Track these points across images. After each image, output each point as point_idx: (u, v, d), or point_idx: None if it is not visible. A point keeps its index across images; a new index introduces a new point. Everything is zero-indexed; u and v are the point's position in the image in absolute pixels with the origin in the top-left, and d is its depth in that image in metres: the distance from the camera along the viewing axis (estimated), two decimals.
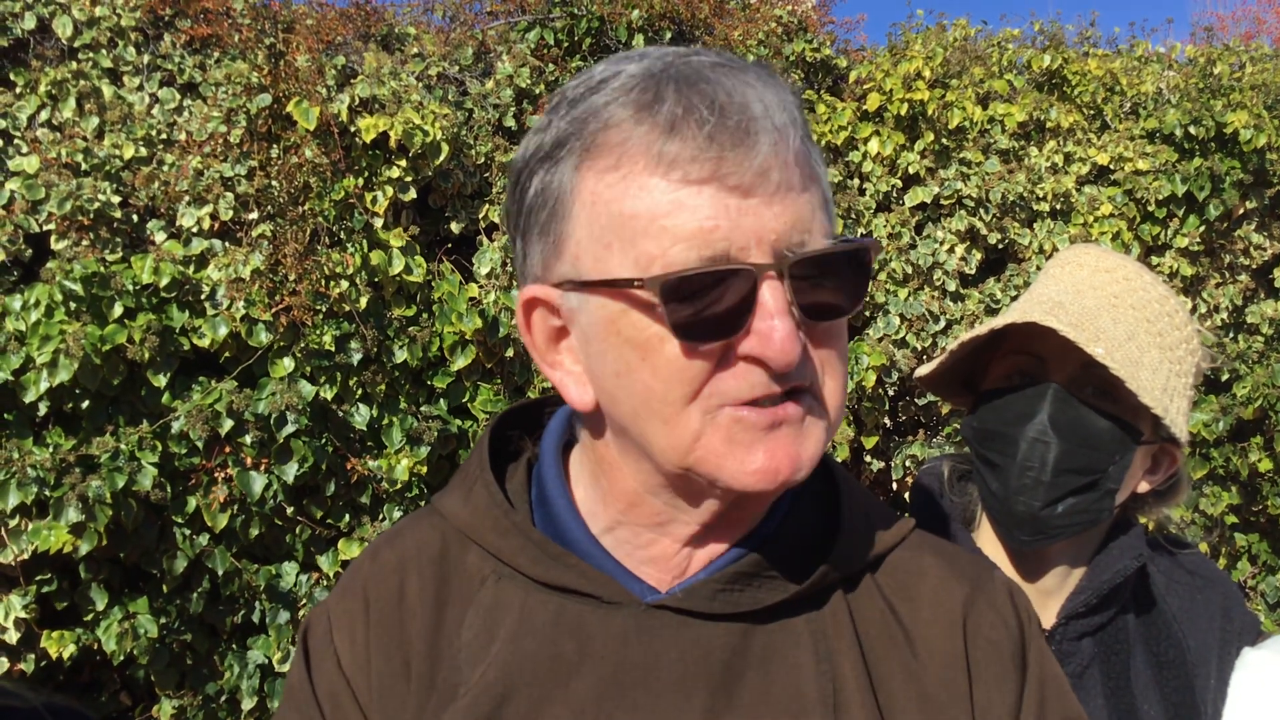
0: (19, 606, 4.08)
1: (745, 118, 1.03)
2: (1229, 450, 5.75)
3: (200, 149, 4.72)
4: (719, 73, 1.06)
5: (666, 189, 1.03)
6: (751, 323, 1.04)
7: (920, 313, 5.56)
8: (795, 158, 1.06)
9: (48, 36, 4.95)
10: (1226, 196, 5.89)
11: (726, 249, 1.02)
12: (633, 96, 1.06)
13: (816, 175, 1.11)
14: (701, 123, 1.02)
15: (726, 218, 1.02)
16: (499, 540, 1.24)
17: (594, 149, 1.07)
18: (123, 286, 4.25)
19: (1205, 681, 1.84)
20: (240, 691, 4.45)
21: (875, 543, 1.27)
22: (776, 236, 1.04)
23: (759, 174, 1.02)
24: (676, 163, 1.02)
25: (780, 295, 1.03)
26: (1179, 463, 1.91)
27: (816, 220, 1.07)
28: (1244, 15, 23.85)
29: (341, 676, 1.23)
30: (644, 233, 1.04)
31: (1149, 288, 1.83)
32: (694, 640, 1.16)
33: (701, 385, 1.06)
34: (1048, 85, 6.34)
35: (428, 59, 5.35)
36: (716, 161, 1.02)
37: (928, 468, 2.07)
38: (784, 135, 1.05)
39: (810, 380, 1.09)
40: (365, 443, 4.69)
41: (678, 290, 1.02)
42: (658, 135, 1.03)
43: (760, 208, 1.03)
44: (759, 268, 1.03)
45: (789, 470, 1.08)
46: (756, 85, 1.06)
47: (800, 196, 1.06)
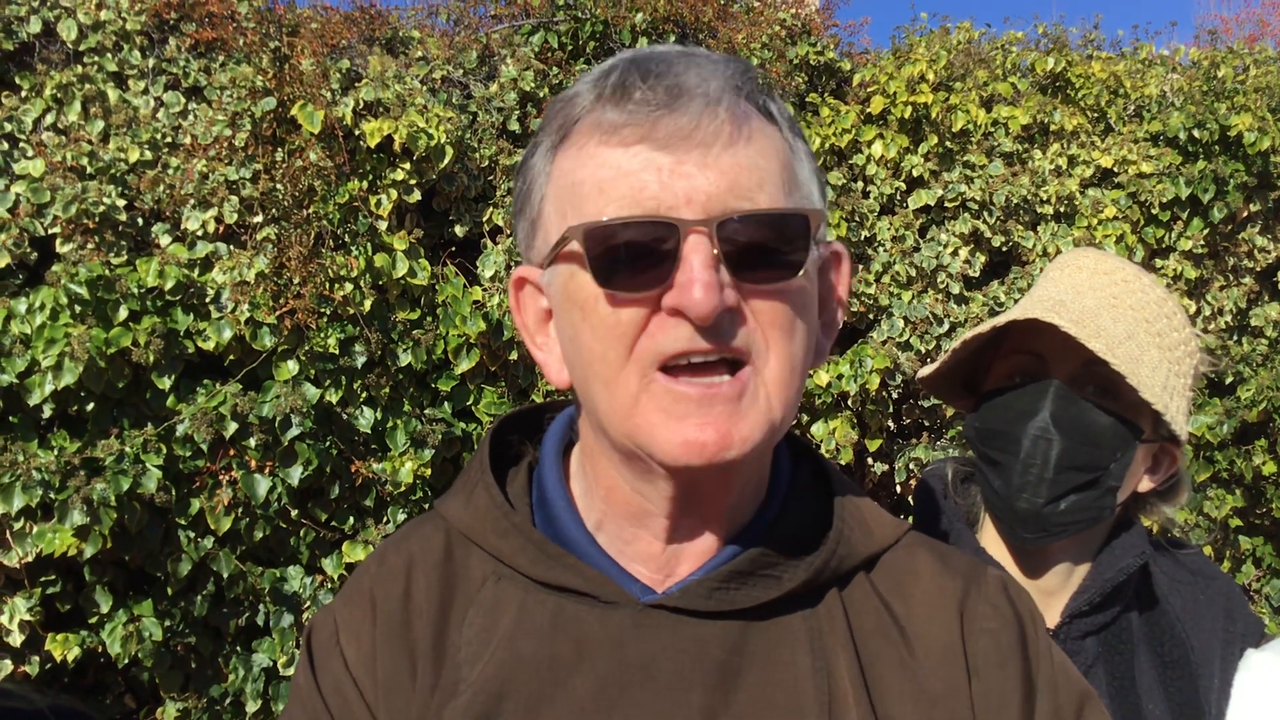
0: (24, 609, 4.09)
1: (677, 85, 1.08)
2: (1233, 453, 5.75)
3: (205, 152, 4.73)
4: (672, 56, 1.12)
5: (607, 155, 1.08)
6: (675, 276, 1.06)
7: (924, 315, 5.55)
8: (726, 124, 1.08)
9: (53, 40, 4.97)
10: (1230, 199, 5.88)
11: (656, 208, 1.06)
12: (592, 78, 1.13)
13: (772, 150, 1.13)
14: (639, 90, 1.08)
15: (658, 179, 1.06)
16: (499, 541, 1.25)
17: (560, 129, 1.15)
18: (127, 290, 4.26)
19: (1209, 682, 1.85)
20: (244, 694, 4.46)
21: (870, 541, 1.27)
22: (708, 198, 1.06)
23: (685, 136, 1.06)
24: (615, 128, 1.08)
25: (704, 249, 1.05)
26: (1179, 462, 1.91)
27: (765, 190, 1.09)
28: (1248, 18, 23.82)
29: (348, 675, 1.24)
30: (587, 197, 1.09)
31: (1148, 289, 1.85)
32: (691, 639, 1.16)
33: (634, 341, 1.09)
34: (1051, 88, 6.34)
35: (432, 62, 5.35)
36: (649, 124, 1.07)
37: (931, 470, 2.08)
38: (715, 101, 1.08)
39: (748, 348, 1.09)
40: (369, 445, 4.70)
41: (598, 238, 1.07)
42: (602, 106, 1.10)
43: (693, 170, 1.06)
44: (684, 223, 1.05)
45: (716, 445, 1.08)
46: (703, 64, 1.11)
47: (736, 160, 1.08)
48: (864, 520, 1.28)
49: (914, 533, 1.33)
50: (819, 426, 5.26)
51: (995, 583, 1.30)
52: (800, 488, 1.29)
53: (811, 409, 5.31)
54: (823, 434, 5.24)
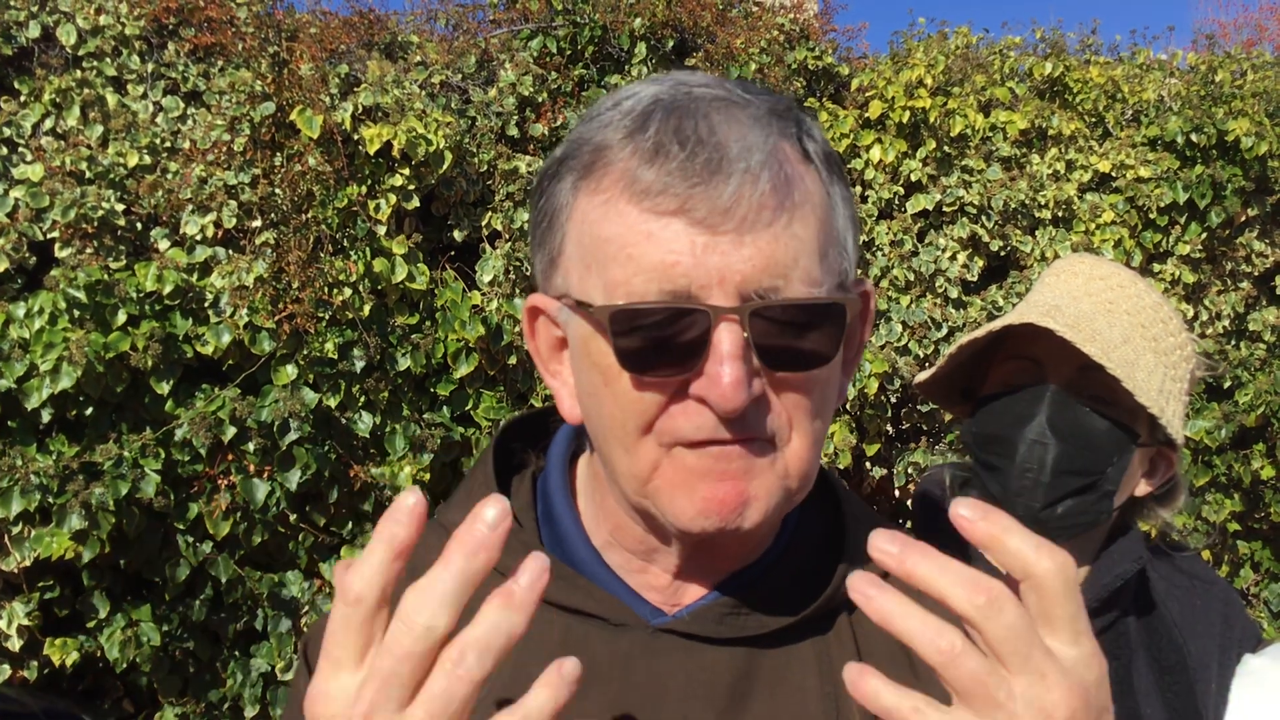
0: (22, 614, 4.09)
1: (719, 155, 1.01)
2: (1231, 457, 5.75)
3: (204, 157, 4.73)
4: (712, 106, 1.05)
5: (638, 218, 1.02)
6: (704, 365, 1.01)
7: (922, 320, 5.56)
8: (768, 199, 1.02)
9: (52, 45, 4.97)
10: (1228, 204, 5.89)
11: (688, 286, 1.01)
12: (625, 122, 1.06)
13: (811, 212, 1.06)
14: (676, 155, 1.01)
15: (691, 254, 1.00)
16: (506, 559, 1.23)
17: (587, 169, 1.08)
18: (126, 294, 4.26)
19: (1206, 687, 1.85)
20: (243, 699, 4.45)
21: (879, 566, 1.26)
22: (742, 279, 1.01)
23: (724, 211, 1.00)
24: (648, 192, 1.01)
25: (736, 339, 1.00)
26: (1176, 466, 1.92)
27: (800, 265, 1.03)
28: (1245, 22, 23.86)
29: None
30: (614, 259, 1.04)
31: (1143, 295, 1.86)
32: (700, 664, 1.15)
33: (654, 419, 1.05)
34: (1049, 93, 6.35)
35: (431, 67, 5.36)
36: (685, 195, 1.00)
37: (929, 475, 2.08)
38: (756, 175, 1.01)
39: (772, 433, 1.07)
40: (368, 450, 4.70)
41: (623, 321, 1.02)
42: (636, 163, 1.03)
43: (728, 247, 1.00)
44: (715, 310, 1.00)
45: (729, 512, 1.06)
46: (744, 123, 1.04)
47: (774, 240, 1.02)
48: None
49: None
50: None
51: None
52: (810, 516, 1.27)
53: None
54: None
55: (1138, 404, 1.74)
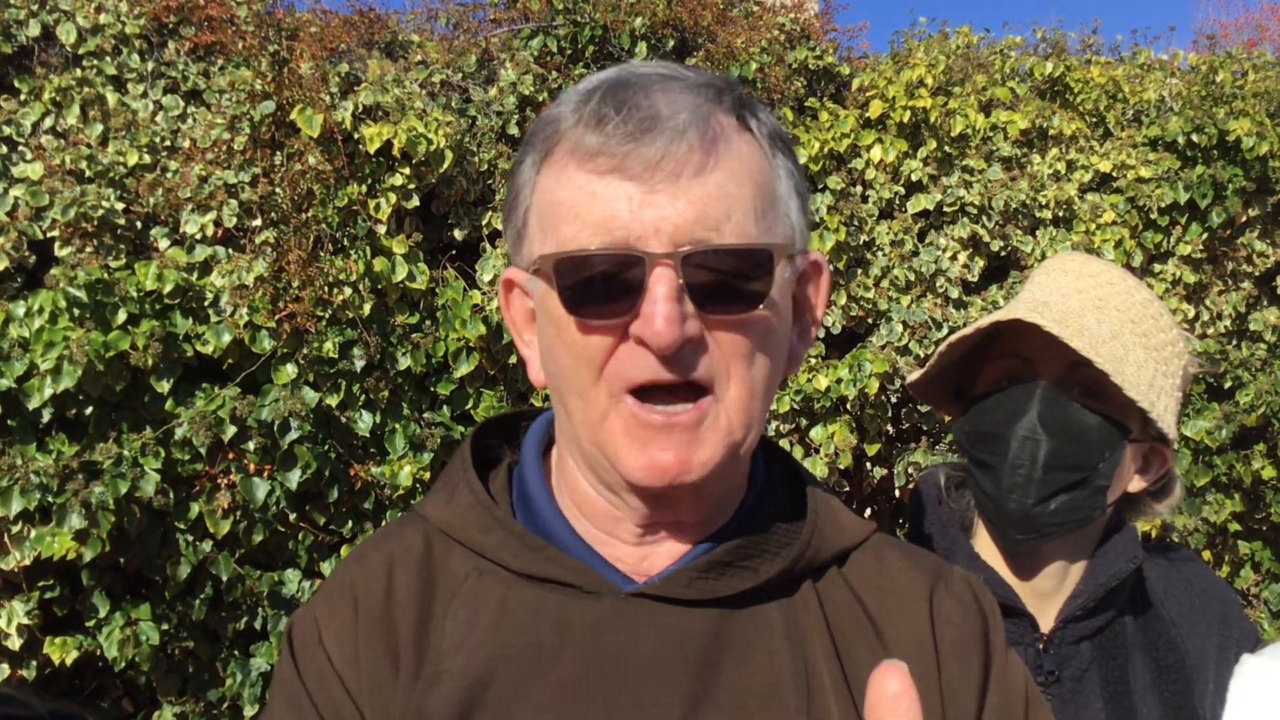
0: (21, 613, 4.09)
1: (651, 116, 1.11)
2: (1232, 458, 5.74)
3: (204, 156, 4.74)
4: (651, 81, 1.16)
5: (584, 180, 1.13)
6: (641, 306, 1.10)
7: (923, 320, 5.56)
8: (694, 152, 1.11)
9: (52, 43, 4.97)
10: (1229, 204, 5.88)
11: (626, 237, 1.10)
12: (576, 99, 1.18)
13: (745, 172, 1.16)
14: (613, 120, 1.11)
15: (628, 209, 1.10)
16: (481, 537, 1.28)
17: (544, 144, 1.19)
18: (126, 293, 4.26)
19: (1204, 686, 1.85)
20: (242, 698, 4.45)
21: (841, 537, 1.32)
22: (675, 229, 1.10)
23: (654, 166, 1.09)
24: (591, 154, 1.12)
25: (669, 281, 1.09)
26: (1170, 462, 1.92)
27: (733, 220, 1.12)
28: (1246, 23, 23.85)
29: (332, 669, 1.25)
30: (564, 219, 1.14)
31: (1133, 291, 1.86)
32: (671, 627, 1.19)
33: (603, 364, 1.14)
34: (1050, 93, 6.35)
35: (431, 66, 5.36)
36: (621, 155, 1.10)
37: (925, 475, 2.08)
38: (681, 132, 1.11)
39: (710, 377, 1.14)
40: (368, 449, 4.70)
41: (566, 267, 1.12)
42: (581, 131, 1.14)
43: (663, 200, 1.10)
44: (650, 256, 1.09)
45: (676, 470, 1.14)
46: (677, 91, 1.15)
47: (706, 189, 1.11)
48: (835, 517, 1.33)
49: (881, 533, 1.38)
50: (818, 430, 5.26)
51: (961, 580, 1.36)
52: (774, 489, 1.34)
53: (810, 413, 5.31)
54: (821, 438, 5.24)
55: (1128, 399, 1.74)
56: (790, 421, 5.31)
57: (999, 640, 1.32)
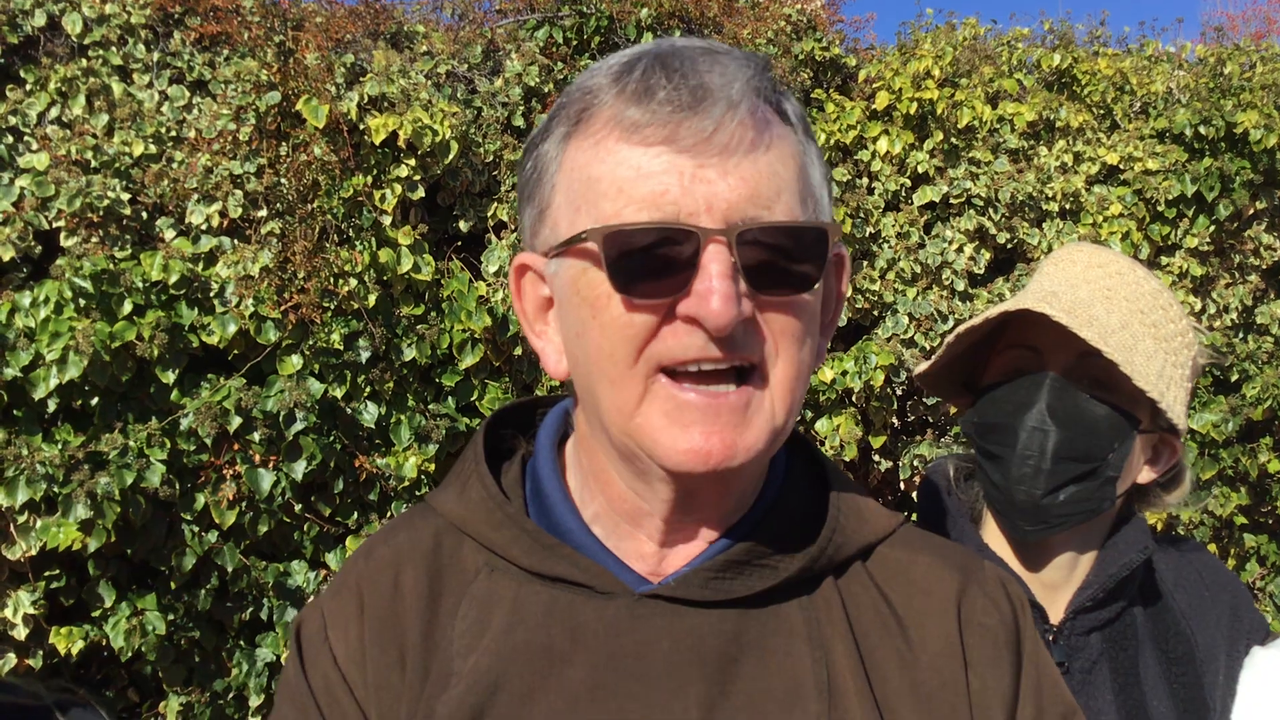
0: (28, 603, 4.10)
1: (701, 86, 1.06)
2: (1238, 451, 5.73)
3: (209, 146, 4.73)
4: (695, 53, 1.10)
5: (628, 154, 1.07)
6: (693, 284, 1.05)
7: (929, 312, 5.55)
8: (748, 128, 1.07)
9: (58, 34, 4.96)
10: (1236, 196, 5.87)
11: (677, 213, 1.05)
12: (613, 72, 1.11)
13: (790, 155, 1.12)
14: (661, 89, 1.06)
15: (679, 184, 1.05)
16: (492, 533, 1.25)
17: (577, 119, 1.13)
18: (132, 284, 4.26)
19: (1214, 678, 1.85)
20: (248, 689, 4.46)
21: (865, 531, 1.27)
22: (728, 205, 1.05)
23: (708, 138, 1.05)
24: (636, 127, 1.06)
25: (724, 259, 1.04)
26: (1179, 453, 1.91)
27: (783, 200, 1.09)
28: (1254, 15, 23.75)
29: (337, 671, 1.24)
30: (605, 195, 1.08)
31: (1142, 282, 1.85)
32: (687, 629, 1.16)
33: (644, 344, 1.09)
34: (1057, 85, 6.33)
35: (436, 57, 5.35)
36: (673, 126, 1.05)
37: (933, 466, 2.08)
38: (736, 105, 1.06)
39: (759, 357, 1.10)
40: (373, 440, 4.70)
41: (617, 242, 1.06)
42: (624, 103, 1.08)
43: (715, 176, 1.05)
44: (705, 232, 1.04)
45: (721, 455, 1.09)
46: (726, 63, 1.09)
47: (757, 168, 1.07)
48: (859, 510, 1.28)
49: (909, 525, 1.33)
50: (823, 423, 5.25)
51: (993, 577, 1.30)
52: (795, 479, 1.29)
53: (816, 405, 5.30)
54: (827, 430, 5.23)
55: (1138, 389, 1.73)
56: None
57: (1031, 644, 1.27)
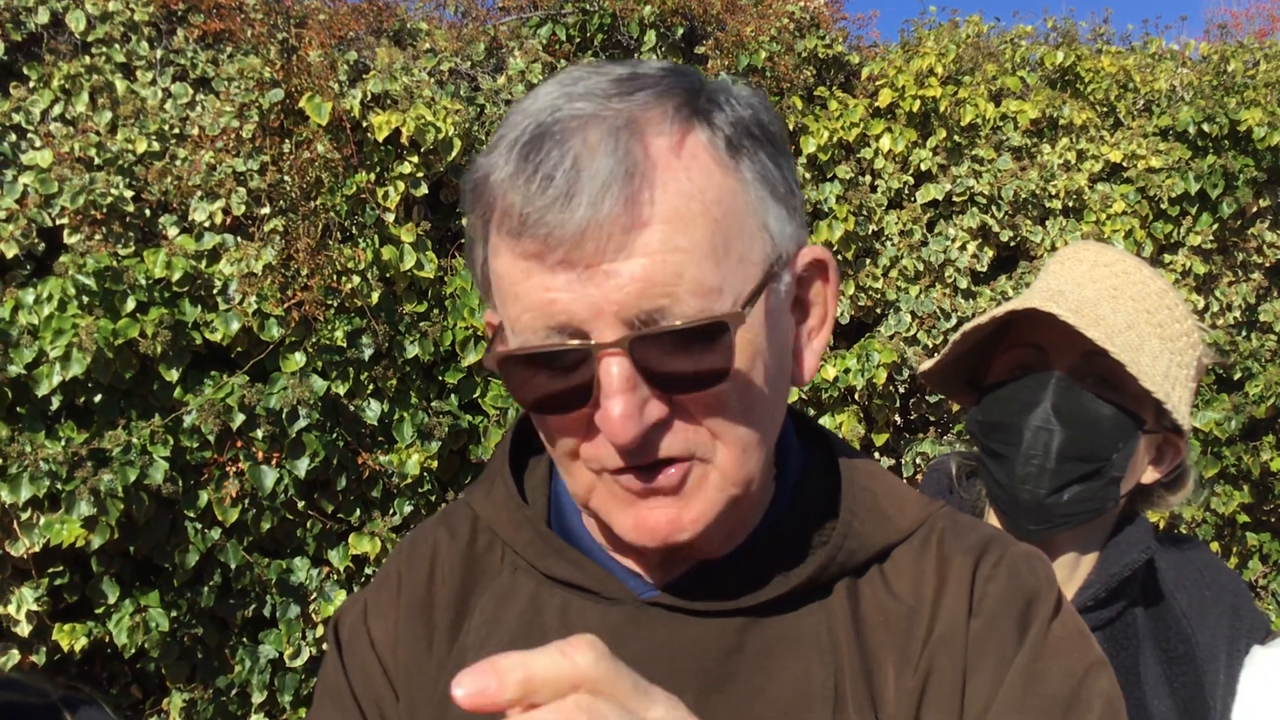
0: (31, 599, 4.10)
1: (569, 184, 0.95)
2: (1241, 449, 5.73)
3: (213, 144, 4.73)
4: (569, 129, 0.98)
5: (514, 262, 1.00)
6: (598, 398, 0.99)
7: (932, 310, 5.55)
8: (623, 220, 0.95)
9: (61, 31, 4.96)
10: (1240, 194, 5.86)
11: (569, 321, 0.98)
12: (501, 156, 1.01)
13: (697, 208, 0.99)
14: (535, 192, 0.96)
15: (566, 289, 0.97)
16: (514, 533, 1.25)
17: (482, 208, 1.05)
18: (135, 281, 4.26)
19: (1214, 678, 1.84)
20: (251, 685, 4.47)
21: (885, 530, 1.20)
22: (619, 307, 0.96)
23: (579, 244, 0.95)
24: (517, 234, 0.98)
25: (622, 372, 0.97)
26: (1183, 453, 1.90)
27: (687, 279, 0.97)
28: (1258, 12, 23.72)
29: (374, 656, 1.26)
30: (508, 296, 1.02)
31: (1148, 281, 1.85)
32: (689, 638, 1.14)
33: (576, 448, 1.06)
34: (1060, 82, 6.32)
35: (440, 54, 5.35)
36: (545, 234, 0.96)
37: (936, 464, 2.08)
38: (603, 194, 0.94)
39: (690, 451, 1.04)
40: (376, 438, 4.70)
41: (512, 369, 1.01)
42: (509, 201, 0.99)
43: (601, 278, 0.96)
44: (595, 346, 0.97)
45: (666, 531, 1.05)
46: (595, 141, 0.97)
47: (647, 259, 0.96)
48: (878, 508, 1.21)
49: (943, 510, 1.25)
50: (826, 420, 5.26)
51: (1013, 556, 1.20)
52: (811, 481, 1.23)
53: (818, 403, 5.31)
54: (830, 428, 5.23)
55: (1143, 389, 1.73)
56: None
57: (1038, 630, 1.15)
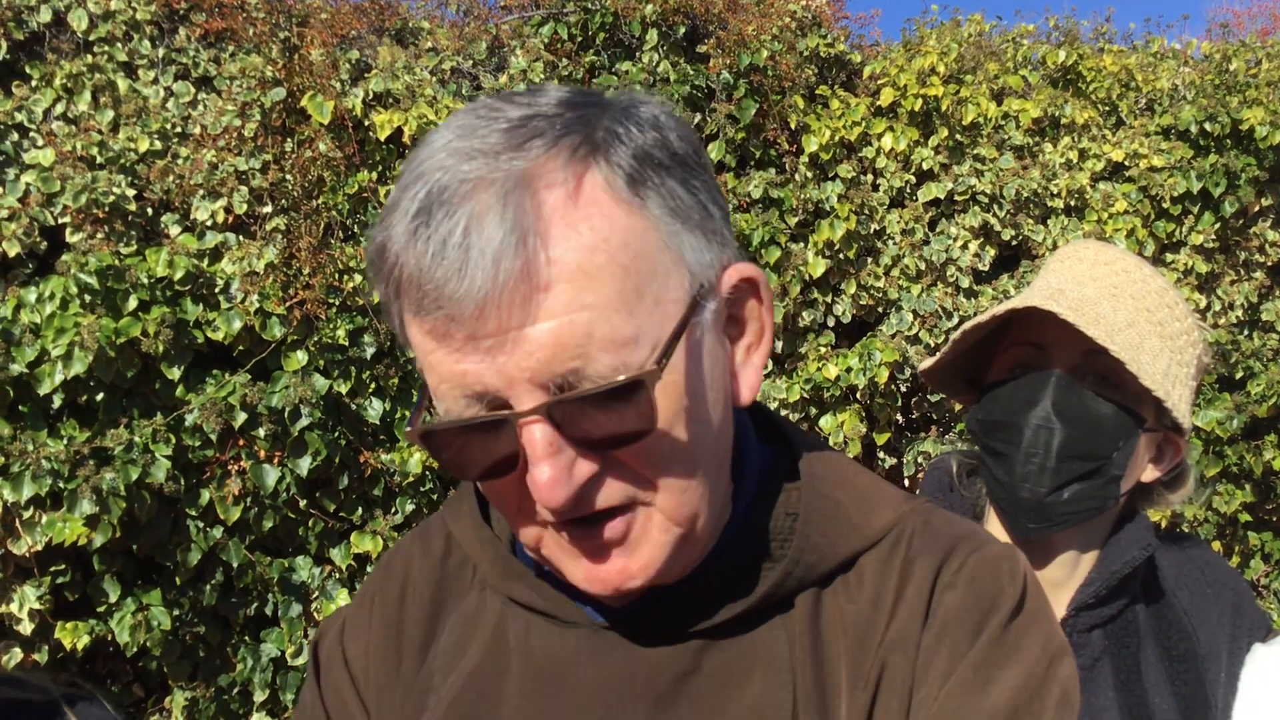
0: (33, 597, 4.11)
1: (461, 259, 0.92)
2: (1243, 448, 5.73)
3: (214, 142, 4.74)
4: (458, 194, 0.94)
5: (421, 333, 0.98)
6: (525, 464, 0.98)
7: (933, 309, 5.55)
8: (521, 289, 0.92)
9: (63, 30, 4.97)
10: (1242, 193, 5.86)
11: (485, 390, 0.96)
12: (399, 217, 0.98)
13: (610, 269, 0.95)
14: (431, 269, 0.94)
15: (477, 360, 0.95)
16: (479, 553, 1.24)
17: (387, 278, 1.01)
18: (137, 279, 4.27)
19: (1216, 676, 1.84)
20: (252, 684, 4.47)
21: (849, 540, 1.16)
22: (532, 374, 0.94)
23: (480, 317, 0.93)
24: (421, 310, 0.96)
25: (545, 438, 0.95)
26: (1184, 451, 1.90)
27: (598, 336, 0.94)
28: (1260, 11, 23.73)
29: (347, 674, 1.26)
30: (425, 365, 1.00)
31: (1148, 280, 1.85)
32: (644, 661, 1.12)
33: (518, 506, 1.04)
34: (1062, 81, 6.32)
35: (441, 53, 5.35)
36: (446, 315, 0.94)
37: (936, 463, 2.08)
38: (495, 265, 0.92)
39: (627, 498, 1.02)
40: (378, 436, 4.71)
41: (434, 443, 1.00)
42: (407, 271, 0.96)
43: (510, 347, 0.94)
44: (514, 415, 0.95)
45: (617, 582, 1.03)
46: (486, 206, 0.93)
47: (553, 323, 0.93)
48: (842, 516, 1.17)
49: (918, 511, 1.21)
50: (827, 419, 5.26)
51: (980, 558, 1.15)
52: (771, 492, 1.18)
53: (820, 402, 5.31)
54: (831, 427, 5.24)
55: (1143, 388, 1.73)
56: (800, 410, 5.31)
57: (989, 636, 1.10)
